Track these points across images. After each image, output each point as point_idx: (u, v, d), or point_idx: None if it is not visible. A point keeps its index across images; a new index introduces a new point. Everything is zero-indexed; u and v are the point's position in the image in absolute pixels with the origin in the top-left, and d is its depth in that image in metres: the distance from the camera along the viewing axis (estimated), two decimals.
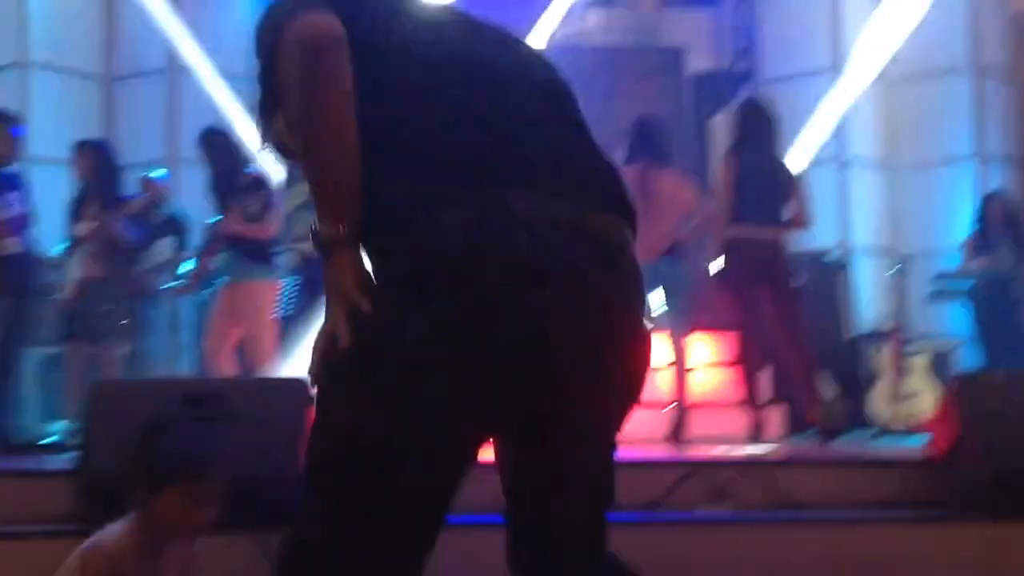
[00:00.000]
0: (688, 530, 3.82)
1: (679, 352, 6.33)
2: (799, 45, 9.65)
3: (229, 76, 9.16)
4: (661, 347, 6.35)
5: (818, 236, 8.17)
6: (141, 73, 9.42)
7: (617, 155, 6.47)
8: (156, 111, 9.26)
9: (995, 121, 9.49)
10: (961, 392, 3.86)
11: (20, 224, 6.20)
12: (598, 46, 11.38)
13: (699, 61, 10.96)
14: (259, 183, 6.48)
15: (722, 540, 3.78)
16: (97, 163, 6.66)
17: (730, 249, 6.11)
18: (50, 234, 7.00)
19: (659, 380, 6.36)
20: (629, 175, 6.20)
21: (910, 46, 9.28)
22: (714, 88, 10.77)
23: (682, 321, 6.36)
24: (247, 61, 9.47)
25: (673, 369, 6.34)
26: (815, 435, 6.16)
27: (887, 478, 4.15)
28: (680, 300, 6.34)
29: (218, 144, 6.67)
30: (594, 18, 11.56)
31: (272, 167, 6.67)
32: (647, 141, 6.43)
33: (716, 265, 6.21)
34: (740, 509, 3.92)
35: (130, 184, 7.34)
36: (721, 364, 7.18)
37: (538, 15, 10.58)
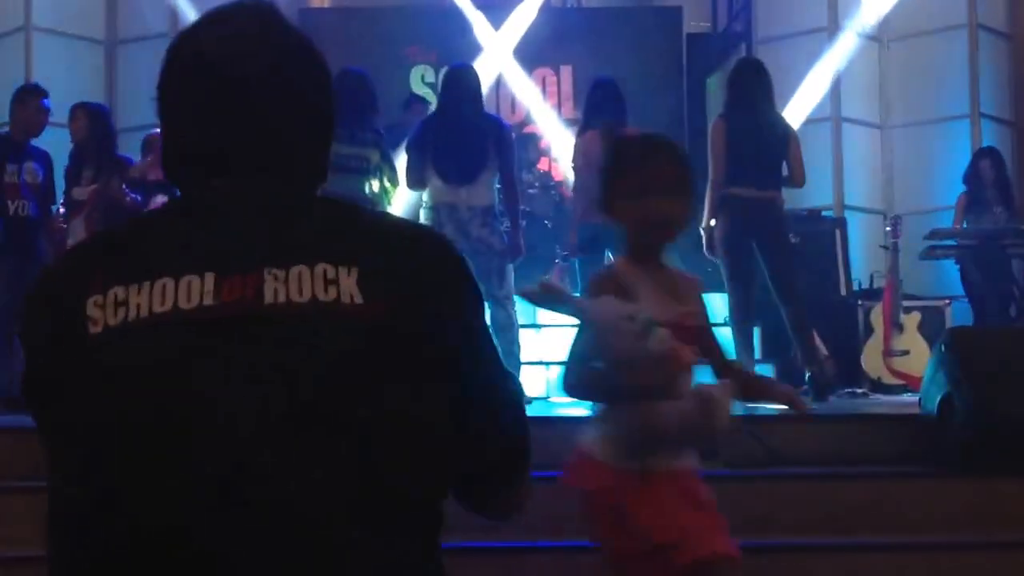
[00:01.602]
0: None
1: None
2: (794, 4, 9.66)
3: None
4: None
5: (813, 194, 8.23)
6: (143, 37, 9.43)
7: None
8: (156, 76, 9.27)
9: (990, 80, 9.52)
10: (951, 347, 3.92)
11: (34, 191, 6.35)
12: (595, 7, 11.41)
13: (695, 22, 10.99)
14: None
15: (719, 499, 3.85)
16: (93, 125, 6.70)
17: (724, 206, 6.15)
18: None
19: None
20: (592, 137, 6.31)
21: (905, 4, 9.30)
22: (710, 48, 10.82)
23: None
24: None
25: None
26: (808, 392, 6.22)
27: (878, 434, 4.23)
28: None
29: None
30: None
31: None
32: (608, 103, 6.47)
33: (710, 225, 6.24)
34: (731, 466, 3.97)
35: (132, 146, 7.38)
36: (714, 323, 7.22)
37: None
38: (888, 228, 7.82)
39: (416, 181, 6.15)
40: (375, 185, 6.18)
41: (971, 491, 3.73)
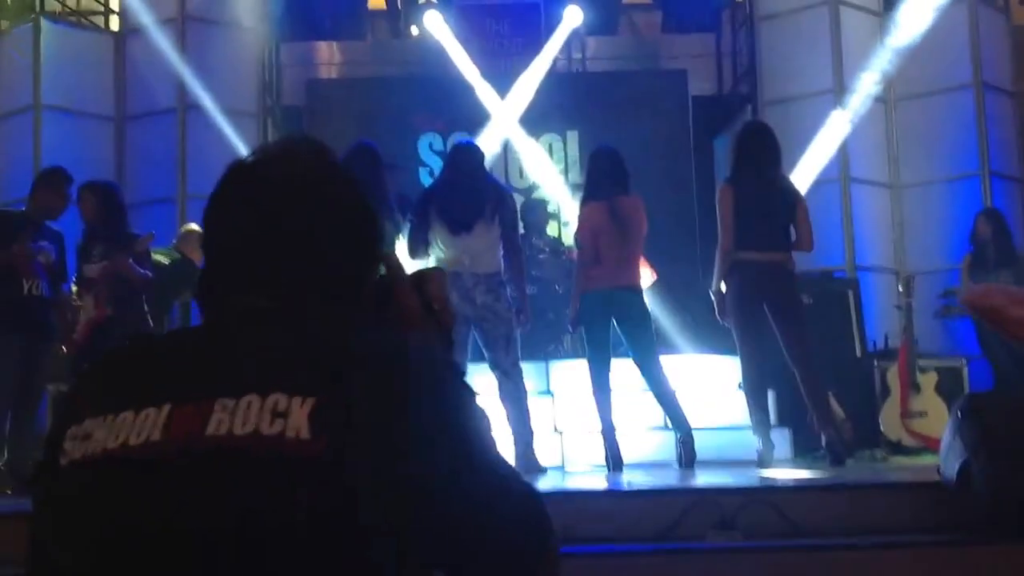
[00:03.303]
0: (697, 559, 3.82)
1: (658, 379, 6.34)
2: (799, 67, 9.72)
3: (235, 114, 9.25)
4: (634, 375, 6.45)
5: (825, 255, 8.21)
6: (151, 112, 9.52)
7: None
8: (167, 149, 9.37)
9: (999, 137, 9.53)
10: (968, 414, 3.85)
11: (47, 270, 6.39)
12: (599, 72, 11.49)
13: (700, 84, 11.05)
14: None
15: (732, 569, 3.78)
16: (102, 203, 6.73)
17: (733, 272, 6.13)
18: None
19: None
20: (595, 209, 6.31)
21: (912, 64, 9.34)
22: (716, 110, 10.87)
23: (650, 350, 6.39)
24: (250, 99, 9.74)
25: (660, 396, 6.34)
26: (825, 456, 6.15)
27: (895, 503, 4.14)
28: (644, 329, 6.38)
29: None
30: (595, 44, 11.70)
31: None
32: (612, 172, 6.48)
33: (721, 290, 6.22)
34: (749, 537, 3.90)
35: (142, 221, 7.40)
36: (725, 388, 7.18)
37: (539, 44, 10.69)
38: (901, 288, 7.78)
39: (417, 247, 6.15)
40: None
41: (995, 560, 3.64)
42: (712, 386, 7.45)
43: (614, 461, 6.21)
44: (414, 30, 11.83)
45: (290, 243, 1.33)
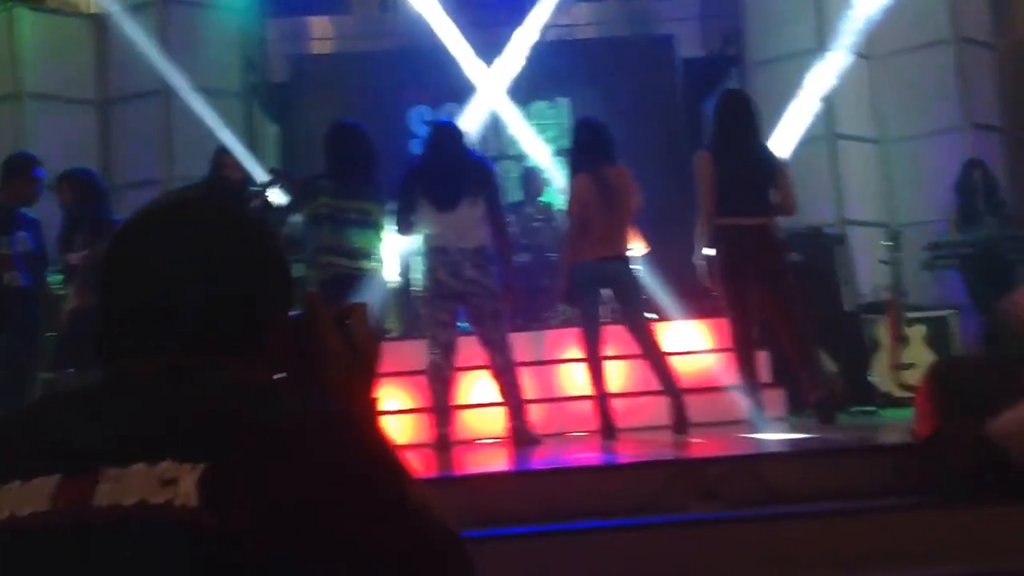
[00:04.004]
0: (680, 530, 3.91)
1: (649, 344, 6.42)
2: (784, 26, 9.73)
3: (219, 94, 9.28)
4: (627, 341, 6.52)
5: (813, 212, 8.27)
6: (135, 96, 9.54)
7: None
8: (151, 133, 9.40)
9: (980, 90, 9.57)
10: (938, 379, 3.94)
11: (25, 261, 6.38)
12: (589, 38, 11.49)
13: (689, 47, 11.06)
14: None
15: (715, 539, 3.88)
16: (82, 191, 6.72)
17: (718, 238, 6.19)
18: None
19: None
20: (586, 179, 6.37)
21: (892, 20, 9.36)
22: (705, 73, 10.88)
23: (639, 315, 6.47)
24: (233, 79, 9.77)
25: (651, 361, 6.43)
26: (816, 414, 6.23)
27: (873, 466, 4.23)
28: (633, 295, 6.46)
29: None
30: (583, 11, 11.69)
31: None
32: (596, 143, 6.52)
33: (706, 254, 6.27)
34: (731, 507, 4.00)
35: (129, 205, 7.45)
36: (718, 351, 7.26)
37: (527, 10, 10.67)
38: (887, 243, 7.85)
39: (405, 224, 6.24)
40: (375, 238, 6.29)
41: (964, 521, 3.74)
42: (704, 349, 7.53)
43: (608, 428, 6.31)
44: (400, 2, 11.82)
45: (185, 303, 1.30)
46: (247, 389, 1.26)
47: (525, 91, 10.47)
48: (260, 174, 8.06)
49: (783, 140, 8.94)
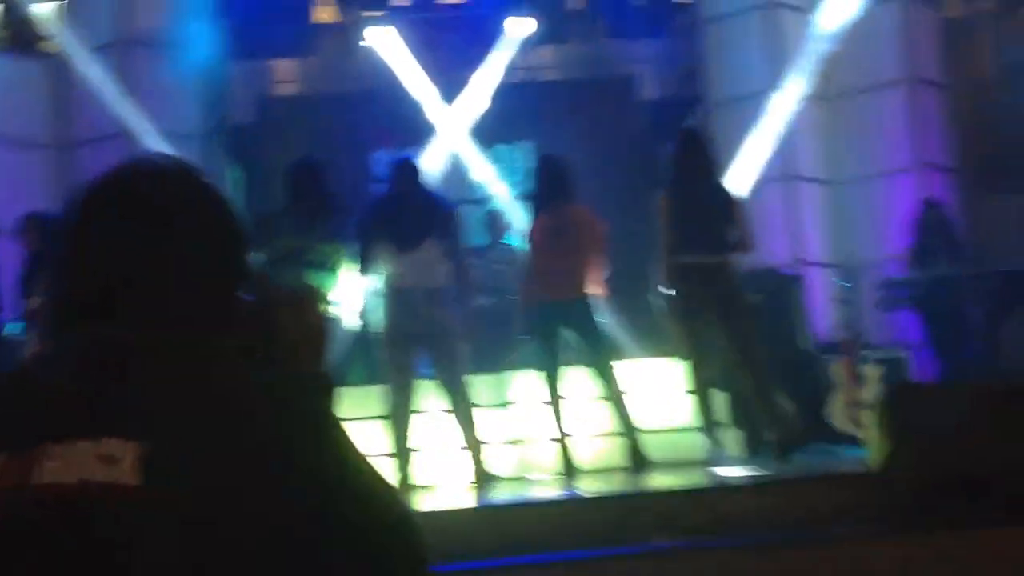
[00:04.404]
0: (641, 562, 3.94)
1: (609, 385, 6.45)
2: (742, 67, 9.88)
3: (181, 137, 9.29)
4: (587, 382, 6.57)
5: (770, 252, 8.35)
6: (96, 139, 9.50)
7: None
8: None
9: (932, 131, 9.75)
10: (893, 404, 3.99)
11: None
12: (550, 80, 11.62)
13: (649, 89, 11.21)
14: None
15: (678, 569, 3.90)
16: (45, 235, 6.64)
17: (675, 276, 6.22)
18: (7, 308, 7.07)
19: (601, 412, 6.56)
20: (545, 219, 6.41)
21: (846, 61, 9.55)
22: (665, 114, 11.00)
23: (602, 356, 6.50)
24: (194, 121, 9.77)
25: (610, 402, 6.46)
26: (773, 452, 6.27)
27: (830, 493, 4.28)
28: (591, 336, 6.49)
29: None
30: (545, 53, 11.81)
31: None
32: (556, 182, 6.55)
33: (663, 294, 6.31)
34: (688, 536, 4.03)
35: None
36: (675, 390, 7.29)
37: (488, 54, 10.77)
38: (841, 283, 7.93)
39: (366, 264, 6.22)
40: (331, 280, 6.15)
41: (917, 547, 3.78)
42: (664, 389, 7.56)
43: (569, 468, 6.33)
44: (364, 45, 11.90)
45: (145, 271, 1.26)
46: (196, 366, 1.22)
47: (487, 134, 10.56)
48: None
49: (742, 180, 9.05)
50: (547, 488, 6.00)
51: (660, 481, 5.63)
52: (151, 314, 1.25)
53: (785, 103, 9.46)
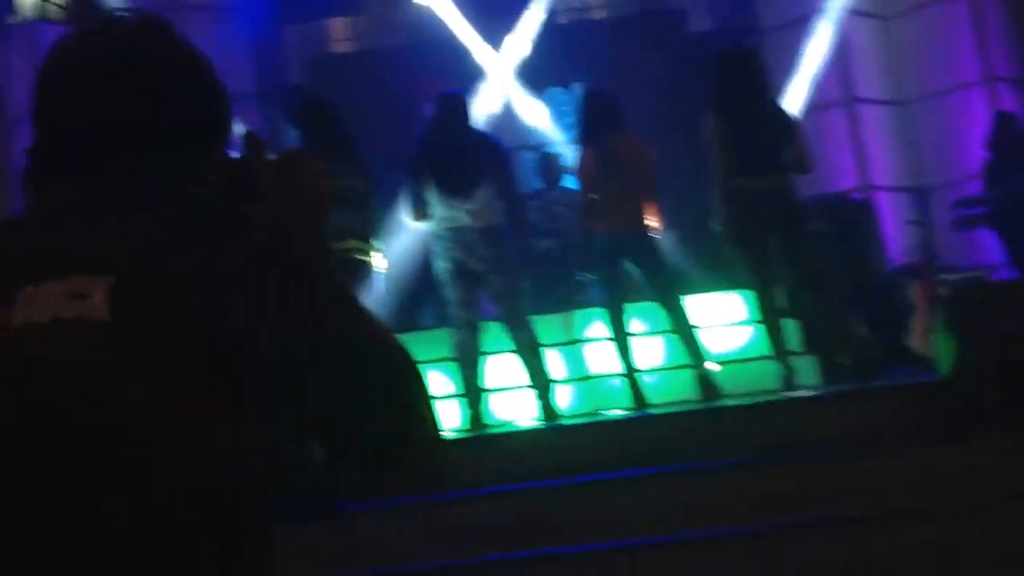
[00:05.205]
0: (701, 478, 3.87)
1: (678, 318, 6.34)
2: None
3: (237, 97, 9.30)
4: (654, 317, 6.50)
5: (837, 179, 8.17)
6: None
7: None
8: None
9: (999, 43, 9.42)
10: (957, 306, 3.86)
11: None
12: (600, 19, 11.46)
13: (700, 21, 11.00)
14: None
15: (736, 483, 3.83)
16: None
17: (733, 201, 6.06)
18: None
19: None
20: (594, 152, 6.30)
21: None
22: (718, 45, 10.76)
23: (669, 289, 6.39)
24: (249, 82, 9.80)
25: (679, 335, 6.36)
26: (851, 374, 6.11)
27: (899, 404, 4.16)
28: (656, 268, 6.38)
29: None
30: None
31: None
32: (602, 115, 6.43)
33: (721, 222, 6.16)
34: (755, 452, 3.95)
35: None
36: (744, 321, 7.16)
37: None
38: (913, 204, 7.74)
39: (418, 212, 6.16)
40: (366, 217, 5.90)
41: (986, 450, 3.66)
42: (732, 320, 7.44)
43: (638, 402, 6.24)
44: None
45: (118, 123, 1.26)
46: (169, 209, 1.23)
47: (540, 78, 10.45)
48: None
49: (800, 105, 8.85)
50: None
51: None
52: (128, 168, 1.25)
53: (839, 24, 9.21)
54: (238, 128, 1.37)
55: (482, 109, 9.87)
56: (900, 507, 3.64)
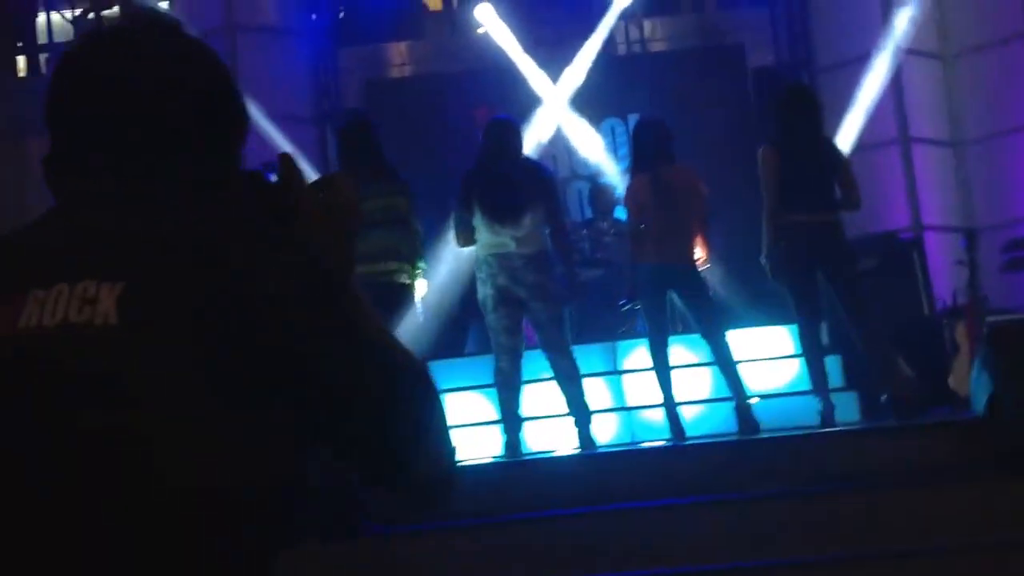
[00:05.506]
0: (738, 508, 3.88)
1: (721, 351, 6.33)
2: (852, 29, 9.61)
3: (292, 120, 9.42)
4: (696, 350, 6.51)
5: (889, 216, 8.12)
6: None
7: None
8: None
9: None
10: (995, 344, 3.84)
11: None
12: (657, 52, 11.50)
13: (759, 56, 11.00)
14: None
15: (774, 513, 3.83)
16: None
17: (783, 235, 6.08)
18: None
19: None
20: (643, 181, 6.32)
21: (963, 18, 9.22)
22: (775, 81, 10.77)
23: (714, 322, 6.39)
24: (310, 103, 9.92)
25: (721, 367, 6.35)
26: (894, 412, 6.06)
27: (936, 441, 4.15)
28: (700, 301, 6.39)
29: None
30: (652, 26, 11.70)
31: None
32: (655, 144, 6.46)
33: (767, 255, 6.18)
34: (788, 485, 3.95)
35: None
36: (787, 356, 7.14)
37: (595, 27, 10.69)
38: (964, 244, 7.66)
39: (464, 237, 6.21)
40: (407, 236, 5.92)
41: (1013, 493, 3.63)
42: (775, 355, 7.42)
43: (677, 434, 6.23)
44: (472, 26, 11.94)
45: (133, 123, 1.26)
46: (180, 213, 1.23)
47: (597, 108, 10.50)
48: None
49: (854, 142, 8.83)
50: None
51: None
52: (146, 168, 1.26)
53: (896, 64, 9.19)
54: (274, 150, 1.39)
55: (536, 137, 9.93)
56: (937, 544, 3.63)
